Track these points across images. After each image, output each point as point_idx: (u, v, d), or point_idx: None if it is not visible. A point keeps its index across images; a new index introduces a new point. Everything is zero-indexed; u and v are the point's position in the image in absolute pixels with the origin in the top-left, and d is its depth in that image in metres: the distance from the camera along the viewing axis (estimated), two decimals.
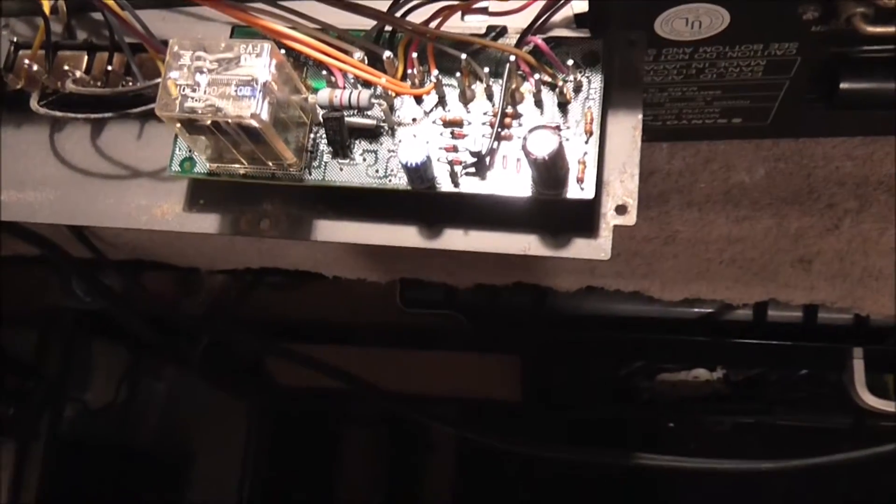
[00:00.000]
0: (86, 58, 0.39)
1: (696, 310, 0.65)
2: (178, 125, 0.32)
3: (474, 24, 0.37)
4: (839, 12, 0.33)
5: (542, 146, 0.31)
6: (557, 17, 0.37)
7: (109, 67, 0.38)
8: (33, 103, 0.37)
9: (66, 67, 0.38)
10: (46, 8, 0.38)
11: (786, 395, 0.98)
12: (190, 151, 0.36)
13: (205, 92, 0.31)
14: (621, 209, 0.34)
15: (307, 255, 0.57)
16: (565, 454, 0.80)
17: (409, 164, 0.32)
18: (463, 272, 0.58)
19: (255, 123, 0.31)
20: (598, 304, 0.67)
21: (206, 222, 0.37)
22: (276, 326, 0.93)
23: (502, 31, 0.36)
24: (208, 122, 0.31)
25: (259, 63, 0.31)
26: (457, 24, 0.37)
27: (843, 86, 0.38)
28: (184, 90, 0.31)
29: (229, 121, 0.31)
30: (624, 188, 0.34)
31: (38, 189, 0.39)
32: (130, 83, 0.38)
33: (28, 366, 1.09)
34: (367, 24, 0.36)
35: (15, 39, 0.40)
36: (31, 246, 0.59)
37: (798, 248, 0.49)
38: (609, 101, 0.35)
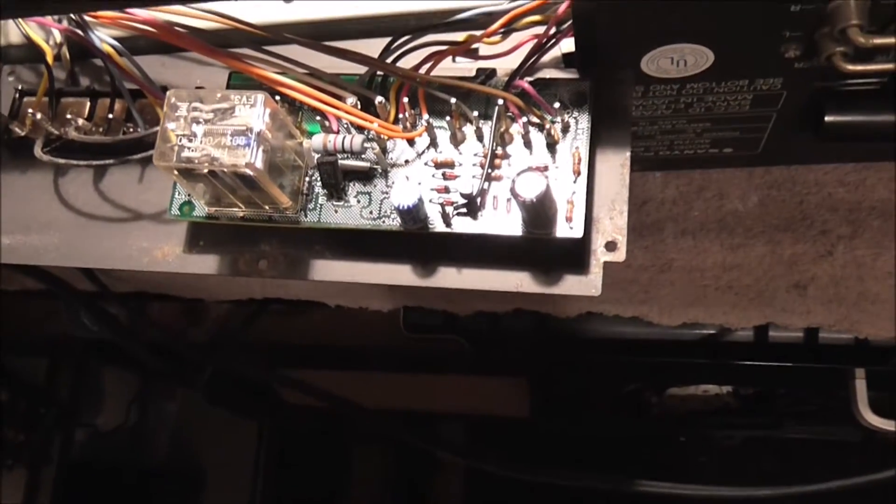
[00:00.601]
0: (88, 104, 0.41)
1: (698, 331, 0.66)
2: (176, 173, 0.33)
3: (465, 66, 0.38)
4: (820, 51, 0.34)
5: (530, 188, 0.31)
6: (546, 57, 0.37)
7: (111, 115, 0.39)
8: (37, 150, 0.38)
9: (68, 115, 0.39)
10: (49, 57, 0.40)
11: (795, 409, 0.98)
12: (189, 196, 0.36)
13: (201, 142, 0.32)
14: (611, 245, 0.35)
15: (309, 287, 0.58)
16: (569, 480, 0.80)
17: (401, 207, 0.33)
18: (462, 300, 0.59)
19: (249, 172, 0.32)
20: (601, 327, 0.67)
21: (206, 263, 0.38)
22: (283, 352, 0.94)
23: (491, 73, 0.37)
24: (205, 170, 0.32)
25: (253, 113, 0.32)
26: (448, 67, 0.38)
27: (828, 119, 0.38)
28: (181, 140, 0.32)
29: (225, 170, 0.32)
30: (613, 225, 0.35)
31: (43, 233, 0.40)
32: (132, 129, 0.39)
33: (39, 392, 1.10)
34: (361, 68, 0.37)
35: (20, 87, 0.41)
36: (38, 282, 0.60)
37: (793, 273, 0.49)
38: (597, 140, 0.36)
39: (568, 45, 0.37)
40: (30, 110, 0.39)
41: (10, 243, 0.40)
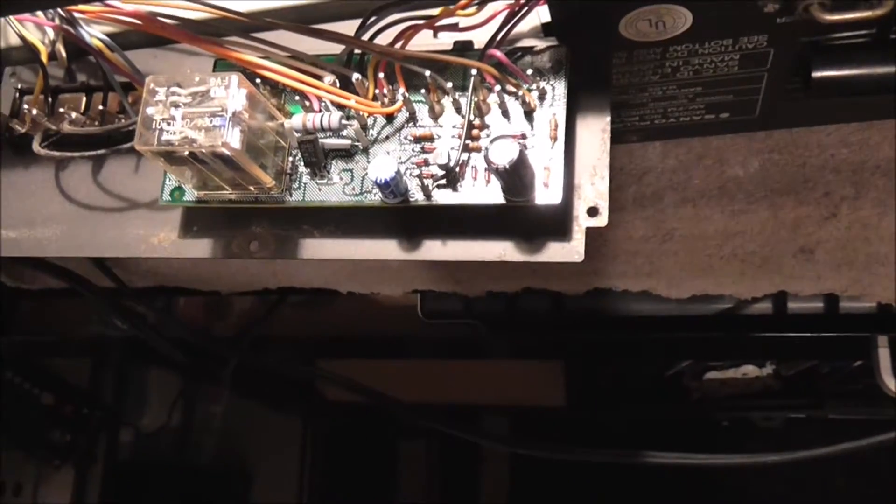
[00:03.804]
0: (84, 99, 0.42)
1: (715, 305, 0.65)
2: (161, 158, 0.34)
3: (445, 40, 0.38)
4: (796, 2, 0.33)
5: (503, 155, 0.32)
6: (526, 27, 0.38)
7: (101, 107, 0.40)
8: (35, 146, 0.40)
9: (61, 110, 0.40)
10: (44, 56, 0.41)
11: (838, 388, 0.96)
12: (178, 181, 0.37)
13: (180, 125, 0.33)
14: (593, 211, 0.35)
15: (318, 273, 0.59)
16: (611, 457, 0.79)
17: (379, 181, 0.33)
18: (470, 280, 0.59)
19: (226, 151, 0.32)
20: (615, 304, 0.67)
21: (200, 248, 0.39)
22: (317, 344, 0.95)
23: (468, 45, 0.37)
24: (185, 152, 0.33)
25: (228, 94, 0.32)
26: (428, 42, 0.38)
27: (815, 75, 0.37)
28: (160, 124, 0.33)
29: (203, 150, 0.32)
30: (595, 190, 0.35)
31: (47, 225, 0.42)
32: (123, 120, 0.40)
33: (83, 393, 1.13)
34: (342, 49, 0.37)
35: (20, 86, 0.43)
36: (63, 282, 0.61)
37: (797, 238, 0.48)
38: (577, 106, 0.36)
39: (547, 14, 0.37)
40: (25, 107, 0.40)
41: (14, 237, 0.41)
